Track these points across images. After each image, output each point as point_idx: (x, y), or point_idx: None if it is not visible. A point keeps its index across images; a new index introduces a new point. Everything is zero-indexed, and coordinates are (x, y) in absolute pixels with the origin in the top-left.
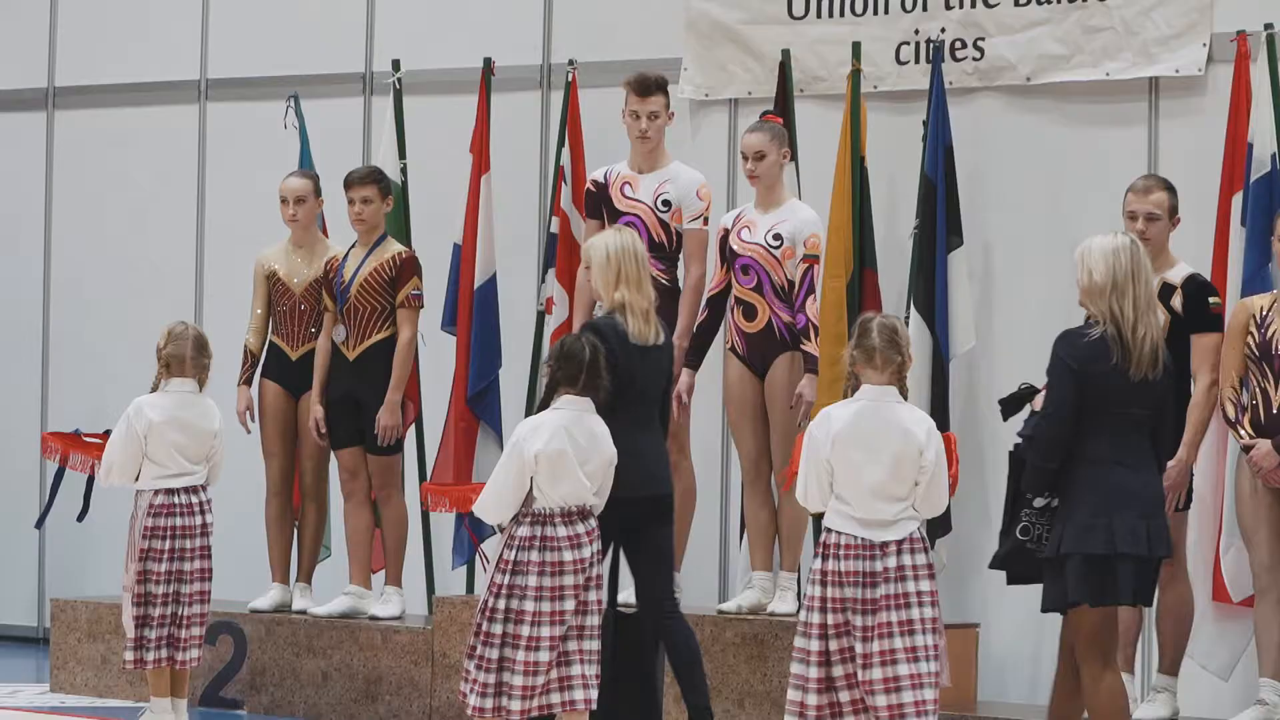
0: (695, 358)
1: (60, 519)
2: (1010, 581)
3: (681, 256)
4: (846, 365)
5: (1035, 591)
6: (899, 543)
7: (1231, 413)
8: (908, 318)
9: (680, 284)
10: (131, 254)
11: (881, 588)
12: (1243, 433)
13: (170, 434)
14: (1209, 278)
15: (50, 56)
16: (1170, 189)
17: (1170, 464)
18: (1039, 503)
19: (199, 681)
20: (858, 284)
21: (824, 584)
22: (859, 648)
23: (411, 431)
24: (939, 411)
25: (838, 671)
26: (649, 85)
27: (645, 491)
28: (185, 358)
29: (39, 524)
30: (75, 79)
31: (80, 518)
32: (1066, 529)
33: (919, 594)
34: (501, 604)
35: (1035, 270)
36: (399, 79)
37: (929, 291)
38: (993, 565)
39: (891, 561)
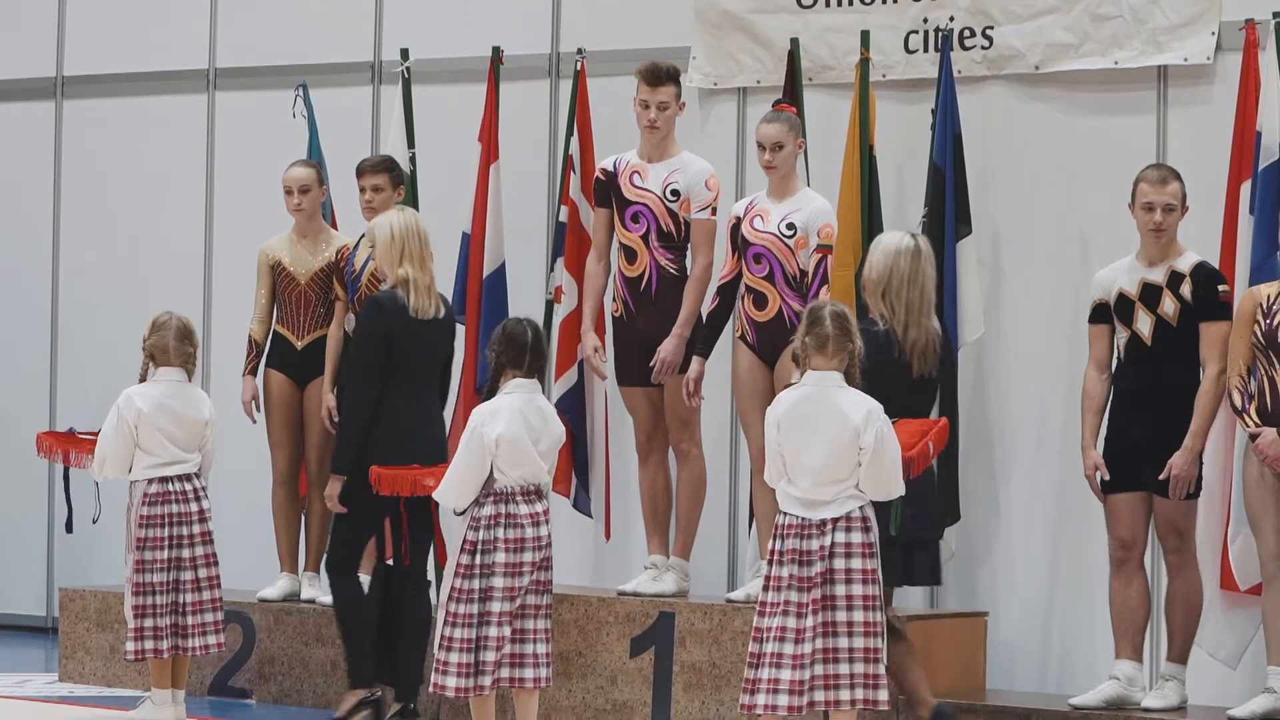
0: (705, 346)
1: (76, 511)
2: None
3: (688, 246)
4: (798, 351)
5: (1043, 580)
6: (835, 520)
7: (1239, 401)
8: None
9: (688, 273)
10: (140, 244)
11: (817, 564)
12: (1249, 421)
13: (160, 423)
14: (1216, 266)
15: (59, 46)
16: (1180, 178)
17: (1177, 454)
18: None
19: (207, 670)
20: None
21: (771, 563)
22: (792, 623)
23: None
24: (948, 399)
25: (789, 650)
26: (660, 75)
27: (420, 461)
28: (169, 347)
29: (69, 528)
30: (84, 68)
31: (95, 519)
32: None
33: (849, 571)
34: (472, 584)
35: (1044, 258)
36: (408, 68)
37: (938, 280)
38: None
39: (827, 539)
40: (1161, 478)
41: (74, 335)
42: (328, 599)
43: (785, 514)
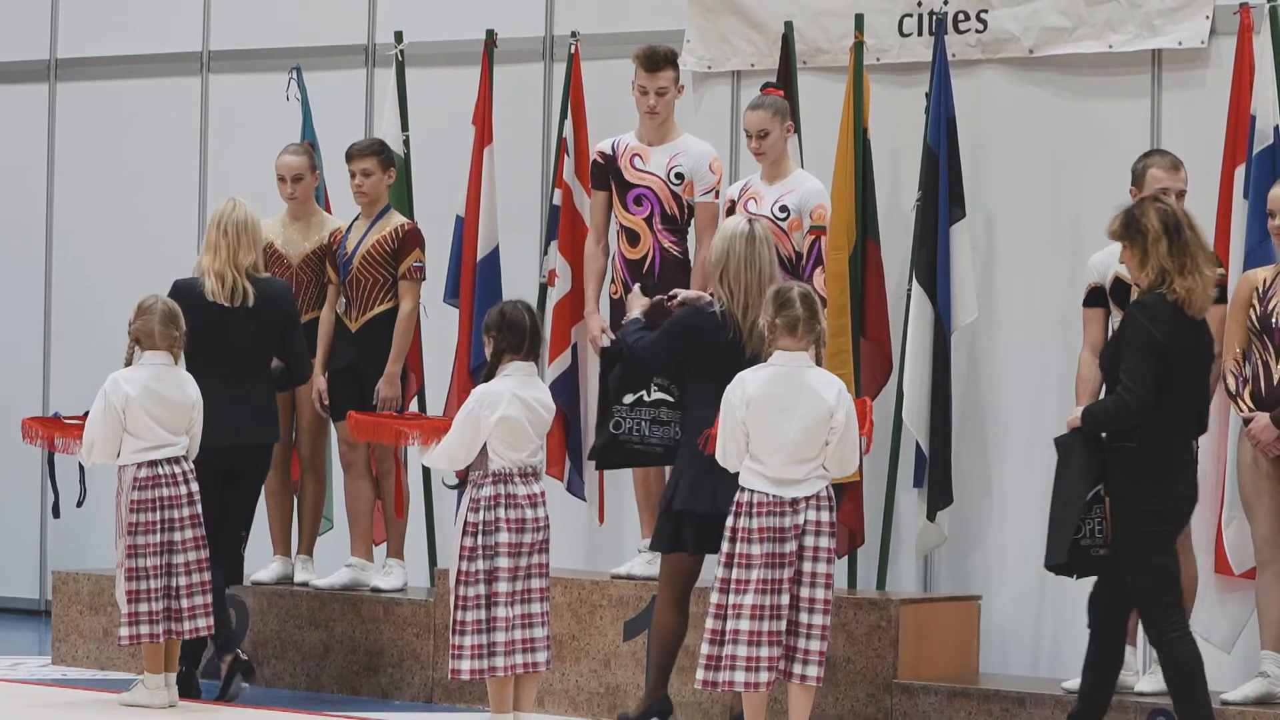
0: None
1: (62, 495)
2: (605, 467)
3: (693, 229)
4: (765, 333)
5: (1036, 564)
6: (808, 499)
7: (1233, 385)
8: (909, 290)
9: (690, 256)
10: (134, 227)
11: (791, 542)
12: (1243, 405)
13: (148, 406)
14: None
15: (53, 28)
16: (1183, 165)
17: None
18: (628, 399)
19: (201, 654)
20: (860, 256)
21: (735, 540)
22: (769, 600)
23: (414, 405)
24: (940, 384)
25: (767, 626)
26: (657, 60)
27: (228, 441)
28: (154, 331)
29: (55, 513)
30: (77, 51)
31: (80, 503)
32: (679, 487)
33: (817, 549)
34: (476, 566)
35: (1037, 242)
36: (401, 51)
37: (931, 264)
38: (590, 456)
39: (800, 518)
40: None
41: (68, 318)
42: (321, 582)
43: (754, 492)
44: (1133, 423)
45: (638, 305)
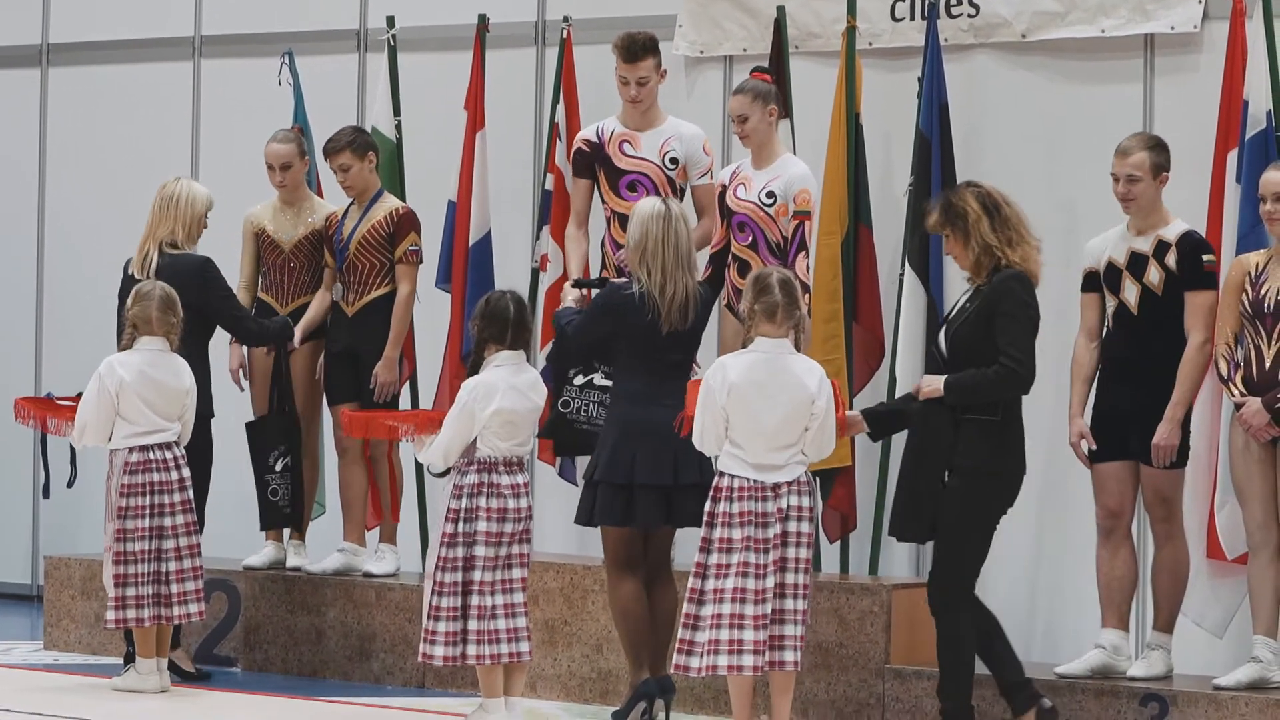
0: None
1: (55, 479)
2: (556, 453)
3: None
4: (745, 319)
5: (1030, 549)
6: (789, 484)
7: (1225, 370)
8: (902, 275)
9: None
10: (126, 212)
11: (773, 527)
12: (1234, 390)
13: (141, 391)
14: (1204, 235)
15: (44, 13)
16: (1154, 147)
17: (1160, 424)
18: (579, 380)
19: (193, 639)
20: (852, 241)
21: (714, 525)
22: (752, 584)
23: (406, 388)
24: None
25: (750, 610)
26: (635, 50)
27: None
28: (151, 317)
29: (45, 493)
30: (69, 35)
31: (70, 483)
32: (600, 458)
33: (798, 534)
34: (454, 552)
35: (1030, 227)
36: (394, 35)
37: (924, 249)
38: (542, 434)
39: (783, 502)
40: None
41: (60, 301)
42: (314, 567)
43: (733, 476)
44: (1018, 395)
45: (570, 296)
